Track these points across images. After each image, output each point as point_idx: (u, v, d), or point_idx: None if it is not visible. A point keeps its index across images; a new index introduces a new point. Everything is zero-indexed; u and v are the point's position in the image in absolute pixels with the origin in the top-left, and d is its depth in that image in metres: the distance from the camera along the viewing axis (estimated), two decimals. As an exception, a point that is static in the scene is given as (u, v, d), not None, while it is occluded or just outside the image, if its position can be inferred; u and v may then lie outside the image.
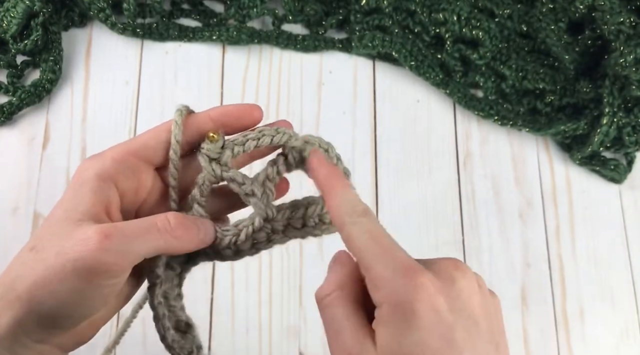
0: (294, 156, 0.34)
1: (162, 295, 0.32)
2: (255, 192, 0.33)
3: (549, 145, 0.67)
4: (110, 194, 0.31)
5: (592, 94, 0.64)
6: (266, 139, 0.33)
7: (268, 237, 0.33)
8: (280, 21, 0.68)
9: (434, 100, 0.68)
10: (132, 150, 0.32)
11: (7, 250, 0.59)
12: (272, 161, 0.34)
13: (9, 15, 0.63)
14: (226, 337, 0.58)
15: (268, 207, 0.33)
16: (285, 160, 0.34)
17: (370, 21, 0.67)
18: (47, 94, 0.64)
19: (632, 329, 0.62)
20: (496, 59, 0.67)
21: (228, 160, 0.33)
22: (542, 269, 0.63)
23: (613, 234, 0.65)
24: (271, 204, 0.33)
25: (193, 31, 0.67)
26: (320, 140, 0.35)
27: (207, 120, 0.34)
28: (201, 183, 0.33)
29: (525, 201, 0.65)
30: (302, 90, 0.67)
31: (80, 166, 0.32)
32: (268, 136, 0.33)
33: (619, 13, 0.62)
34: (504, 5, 0.68)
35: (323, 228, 0.34)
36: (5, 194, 0.61)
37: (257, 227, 0.33)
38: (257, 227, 0.33)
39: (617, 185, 0.67)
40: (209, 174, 0.33)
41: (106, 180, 0.31)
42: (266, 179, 0.33)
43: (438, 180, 0.65)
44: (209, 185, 0.33)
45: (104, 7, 0.65)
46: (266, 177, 0.33)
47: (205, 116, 0.34)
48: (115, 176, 0.31)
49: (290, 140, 0.34)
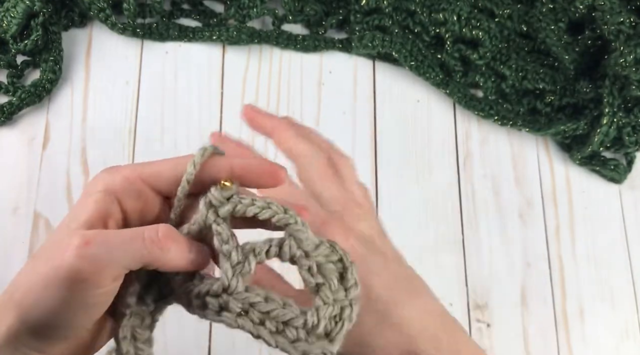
0: (292, 250, 0.30)
1: (130, 330, 0.29)
2: (231, 257, 0.29)
3: (549, 145, 0.67)
4: (111, 207, 0.30)
5: (592, 94, 0.64)
6: (267, 213, 0.30)
7: (219, 310, 0.29)
8: (280, 21, 0.68)
9: (434, 100, 0.68)
10: (145, 176, 0.31)
11: (7, 250, 0.59)
12: (269, 240, 0.30)
13: (9, 15, 0.63)
14: (226, 337, 0.58)
15: (235, 278, 0.29)
16: (280, 246, 0.30)
17: (370, 21, 0.67)
18: (47, 94, 0.64)
19: (632, 329, 0.62)
20: (496, 59, 0.67)
21: (226, 214, 0.30)
22: (542, 268, 0.63)
23: (613, 234, 0.65)
24: (241, 278, 0.29)
25: (193, 31, 0.67)
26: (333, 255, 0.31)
27: (227, 169, 0.31)
28: (192, 223, 0.31)
29: (525, 201, 0.65)
30: (302, 90, 0.67)
31: (93, 178, 0.31)
32: (272, 212, 0.30)
33: (619, 13, 0.62)
34: (504, 5, 0.68)
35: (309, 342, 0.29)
36: (5, 194, 0.61)
37: (214, 290, 0.29)
38: (214, 291, 0.29)
39: (617, 185, 0.67)
40: (201, 218, 0.30)
41: (110, 195, 0.30)
42: (251, 252, 0.30)
43: (438, 180, 0.65)
44: (197, 229, 0.31)
45: (104, 7, 0.65)
46: (252, 251, 0.30)
47: (226, 164, 0.31)
48: (121, 194, 0.30)
49: (294, 229, 0.30)
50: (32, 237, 0.59)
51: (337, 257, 0.31)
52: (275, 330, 0.29)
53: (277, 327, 0.29)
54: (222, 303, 0.29)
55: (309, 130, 0.42)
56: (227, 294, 0.29)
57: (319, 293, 0.30)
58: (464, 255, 0.62)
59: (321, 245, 0.31)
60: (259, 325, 0.29)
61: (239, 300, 0.29)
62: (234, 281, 0.29)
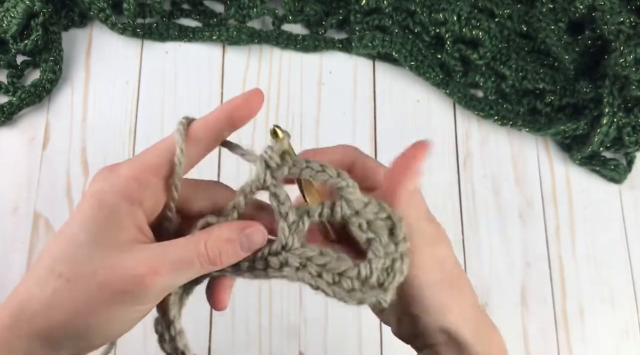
0: (343, 210, 0.32)
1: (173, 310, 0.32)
2: (288, 217, 0.32)
3: (549, 145, 0.67)
4: (140, 215, 0.31)
5: (592, 94, 0.64)
6: (322, 176, 0.32)
7: (280, 266, 0.32)
8: (280, 21, 0.68)
9: (434, 100, 0.68)
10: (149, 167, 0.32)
11: (7, 250, 0.59)
12: (323, 202, 0.33)
13: (9, 15, 0.63)
14: (226, 337, 0.58)
15: (292, 236, 0.32)
16: (332, 208, 0.32)
17: (370, 21, 0.67)
18: (47, 94, 0.64)
19: (632, 329, 0.62)
20: (496, 59, 0.67)
21: (280, 176, 0.32)
22: (542, 268, 0.63)
23: (613, 234, 0.65)
24: (297, 236, 0.32)
25: (193, 31, 0.67)
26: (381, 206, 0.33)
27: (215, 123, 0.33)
28: (248, 190, 0.32)
29: (525, 201, 0.65)
30: (302, 90, 0.67)
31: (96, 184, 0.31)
32: (326, 176, 0.32)
33: (619, 13, 0.62)
34: (504, 5, 0.68)
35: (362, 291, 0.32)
36: (5, 194, 0.61)
37: (274, 249, 0.32)
38: (274, 250, 0.32)
39: (617, 185, 0.67)
40: (258, 180, 0.32)
41: (134, 203, 0.30)
42: (305, 213, 0.32)
43: (438, 180, 0.65)
44: (254, 192, 0.32)
45: (104, 7, 0.65)
46: (306, 212, 0.32)
47: (206, 122, 0.33)
48: (141, 198, 0.31)
49: (347, 191, 0.32)
50: (32, 237, 0.59)
51: (386, 214, 0.33)
52: (332, 281, 0.32)
53: (333, 278, 0.32)
54: (282, 260, 0.32)
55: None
56: (285, 251, 0.32)
57: (370, 247, 0.32)
58: (464, 255, 0.62)
59: (370, 204, 0.32)
60: (317, 277, 0.32)
61: (296, 255, 0.32)
62: (290, 239, 0.32)
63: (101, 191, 0.30)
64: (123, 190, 0.30)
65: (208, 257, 0.30)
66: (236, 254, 0.31)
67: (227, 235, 0.31)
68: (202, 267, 0.30)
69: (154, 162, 0.32)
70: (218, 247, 0.30)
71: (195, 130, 0.33)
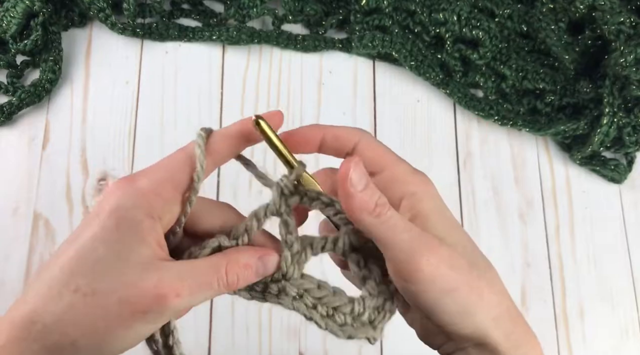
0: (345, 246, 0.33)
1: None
2: (293, 247, 0.32)
3: (549, 145, 0.67)
4: (159, 230, 0.31)
5: (592, 94, 0.64)
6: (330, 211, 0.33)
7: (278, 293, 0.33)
8: (280, 21, 0.68)
9: (434, 100, 0.68)
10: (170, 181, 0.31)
11: (7, 250, 0.59)
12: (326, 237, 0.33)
13: (9, 15, 0.63)
14: (226, 337, 0.58)
15: (293, 266, 0.32)
16: (335, 243, 0.33)
17: (370, 21, 0.67)
18: (47, 94, 0.64)
19: (632, 329, 0.62)
20: (496, 59, 0.67)
21: (292, 204, 0.33)
22: (542, 268, 0.63)
23: (613, 234, 0.65)
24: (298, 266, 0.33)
25: (193, 31, 0.67)
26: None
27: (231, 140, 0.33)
28: (262, 215, 0.33)
29: (525, 201, 0.65)
30: (302, 90, 0.67)
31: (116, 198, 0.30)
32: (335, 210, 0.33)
33: (619, 13, 0.62)
34: (504, 5, 0.68)
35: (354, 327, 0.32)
36: (5, 194, 0.61)
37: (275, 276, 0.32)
38: (274, 277, 0.32)
39: (617, 185, 0.67)
40: (274, 206, 0.32)
41: (156, 219, 0.30)
42: (309, 246, 0.33)
43: (438, 180, 0.64)
44: (268, 217, 0.33)
45: (104, 7, 0.65)
46: (310, 244, 0.33)
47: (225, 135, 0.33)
48: (162, 213, 0.31)
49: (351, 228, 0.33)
50: (32, 237, 0.59)
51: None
52: (325, 314, 0.32)
53: (327, 311, 0.32)
54: (280, 287, 0.32)
55: None
56: (285, 280, 0.33)
57: (365, 286, 0.33)
58: (464, 255, 0.62)
59: (369, 242, 0.33)
60: (312, 309, 0.32)
61: (295, 285, 0.32)
62: (291, 269, 0.32)
63: (123, 207, 0.30)
64: (145, 206, 0.30)
65: (227, 282, 0.31)
66: (250, 279, 0.32)
67: (245, 260, 0.31)
68: (219, 290, 0.31)
69: (174, 176, 0.31)
70: (236, 272, 0.31)
71: (214, 143, 0.33)
